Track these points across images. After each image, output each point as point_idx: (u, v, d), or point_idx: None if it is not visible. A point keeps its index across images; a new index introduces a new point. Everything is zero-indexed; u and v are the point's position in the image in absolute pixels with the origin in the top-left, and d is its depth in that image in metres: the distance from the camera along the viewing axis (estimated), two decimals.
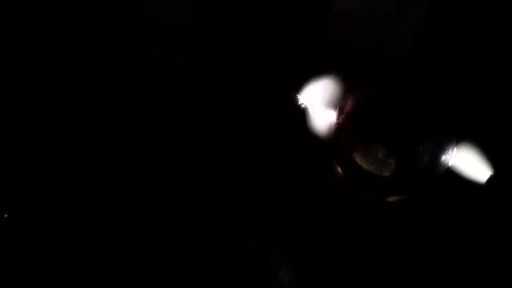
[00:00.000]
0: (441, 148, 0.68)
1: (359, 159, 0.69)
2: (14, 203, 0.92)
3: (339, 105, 0.71)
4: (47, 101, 1.04)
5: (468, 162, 0.69)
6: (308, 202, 0.84)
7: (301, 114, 0.74)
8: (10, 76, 1.02)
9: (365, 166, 0.69)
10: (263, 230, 0.87)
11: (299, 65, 0.92)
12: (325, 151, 0.76)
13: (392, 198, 0.75)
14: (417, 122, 0.68)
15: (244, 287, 0.84)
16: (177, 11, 1.06)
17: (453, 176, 0.69)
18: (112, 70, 1.03)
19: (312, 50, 0.97)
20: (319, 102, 0.73)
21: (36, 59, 1.07)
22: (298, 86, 0.77)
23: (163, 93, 1.01)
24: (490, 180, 0.67)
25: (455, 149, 0.69)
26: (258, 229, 0.87)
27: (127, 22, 1.03)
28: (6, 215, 0.92)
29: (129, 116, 1.01)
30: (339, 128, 0.70)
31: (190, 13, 1.07)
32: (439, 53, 0.82)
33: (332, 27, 0.96)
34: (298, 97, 0.75)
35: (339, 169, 0.74)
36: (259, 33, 1.01)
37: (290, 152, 0.86)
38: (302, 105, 0.74)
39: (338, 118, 0.70)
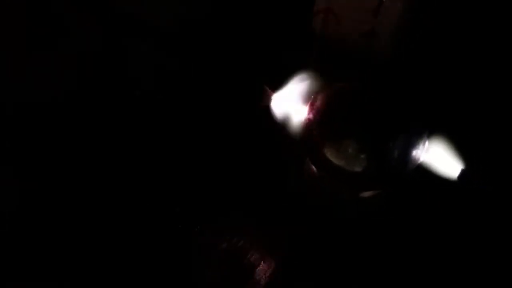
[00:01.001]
0: (412, 143, 0.68)
1: (330, 155, 0.69)
2: (12, 204, 0.93)
3: (310, 100, 0.70)
4: (33, 103, 1.04)
5: (439, 157, 0.68)
6: (284, 200, 0.84)
7: (273, 109, 0.74)
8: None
9: (336, 161, 0.69)
10: (241, 229, 0.87)
11: (279, 61, 0.93)
12: (298, 147, 0.76)
13: (365, 194, 0.75)
14: (388, 118, 0.68)
15: (221, 285, 0.84)
16: (159, 11, 1.07)
17: (424, 171, 0.68)
18: (94, 72, 1.04)
19: (295, 46, 0.97)
20: (292, 97, 0.73)
21: (19, 60, 1.08)
22: (276, 81, 0.78)
23: (143, 92, 1.02)
24: (461, 175, 0.67)
25: (426, 144, 0.69)
26: (236, 228, 0.87)
27: (108, 22, 1.04)
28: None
29: (112, 115, 1.01)
30: (310, 124, 0.70)
31: (171, 12, 1.08)
32: (414, 48, 0.82)
33: (315, 22, 0.96)
34: (271, 93, 0.75)
35: (312, 165, 0.74)
36: (242, 29, 1.02)
37: (265, 149, 0.86)
38: (274, 100, 0.74)
39: (309, 114, 0.70)
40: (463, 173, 0.67)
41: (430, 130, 0.69)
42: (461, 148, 0.68)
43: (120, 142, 0.98)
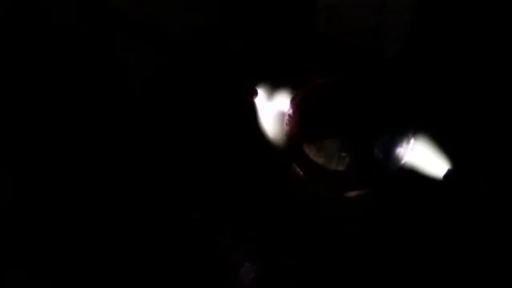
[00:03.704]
0: (396, 141, 0.66)
1: (312, 153, 0.67)
2: (11, 204, 0.94)
3: (291, 96, 0.69)
4: (31, 102, 1.05)
5: (425, 156, 0.66)
6: (268, 198, 0.83)
7: (256, 107, 0.73)
8: None
9: (318, 160, 0.67)
10: (225, 228, 0.85)
11: (281, 59, 0.92)
12: (281, 146, 0.74)
13: (350, 194, 0.73)
14: (371, 115, 0.66)
15: (204, 285, 0.83)
16: (159, 13, 1.08)
17: (409, 171, 0.66)
18: (94, 72, 1.04)
19: (296, 43, 0.96)
20: (274, 94, 0.72)
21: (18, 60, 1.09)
22: (279, 80, 0.76)
23: (143, 92, 1.02)
24: (447, 175, 0.64)
25: (411, 142, 0.66)
26: (220, 227, 0.86)
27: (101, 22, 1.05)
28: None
29: (111, 114, 1.02)
30: (291, 121, 0.68)
31: (170, 12, 1.08)
32: (411, 44, 0.80)
33: (319, 19, 0.95)
34: (255, 90, 0.73)
35: (294, 164, 0.72)
36: (243, 27, 1.01)
37: (249, 148, 0.84)
38: (257, 97, 0.72)
39: (289, 110, 0.68)
40: (449, 173, 0.64)
41: (415, 128, 0.67)
42: (447, 147, 0.66)
43: (119, 141, 0.98)
